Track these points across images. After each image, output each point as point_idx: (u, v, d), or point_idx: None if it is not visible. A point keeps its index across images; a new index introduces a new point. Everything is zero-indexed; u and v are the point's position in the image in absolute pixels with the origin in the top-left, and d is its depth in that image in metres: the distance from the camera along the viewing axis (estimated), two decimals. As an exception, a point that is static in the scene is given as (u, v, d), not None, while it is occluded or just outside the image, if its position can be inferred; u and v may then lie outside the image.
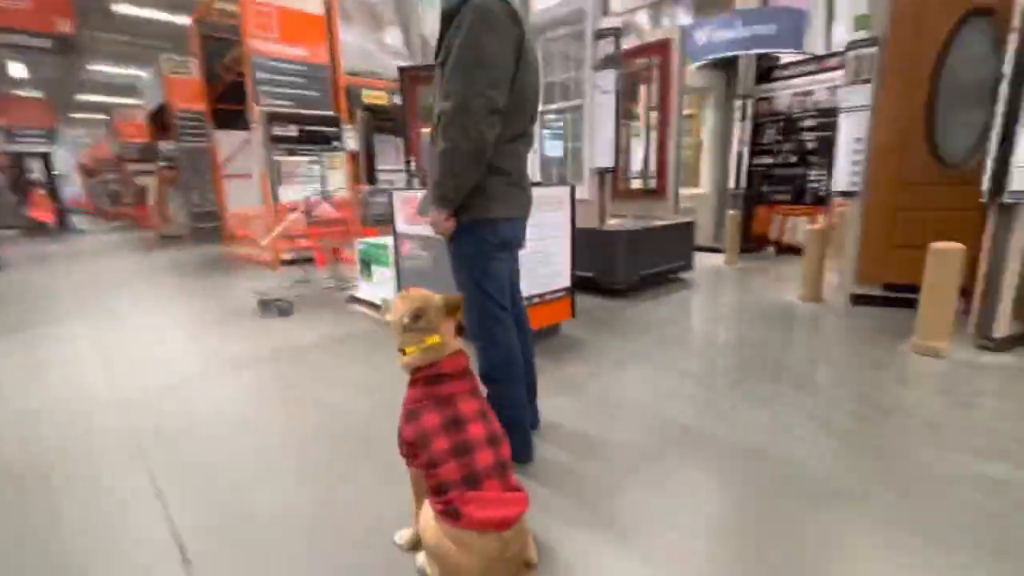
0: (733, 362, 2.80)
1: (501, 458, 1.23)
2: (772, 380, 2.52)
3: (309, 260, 6.52)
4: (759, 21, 5.89)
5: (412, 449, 1.29)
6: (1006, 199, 2.51)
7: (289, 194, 6.18)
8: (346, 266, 4.97)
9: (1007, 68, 2.46)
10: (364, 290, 4.13)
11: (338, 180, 6.58)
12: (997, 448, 1.81)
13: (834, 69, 5.72)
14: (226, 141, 7.79)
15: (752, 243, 6.46)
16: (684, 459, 1.82)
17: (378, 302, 3.82)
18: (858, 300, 3.78)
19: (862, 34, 3.56)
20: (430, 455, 1.21)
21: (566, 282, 3.20)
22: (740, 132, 5.86)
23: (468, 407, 1.27)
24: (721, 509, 1.56)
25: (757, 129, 6.20)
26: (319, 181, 6.47)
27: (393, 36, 7.20)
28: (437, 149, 1.56)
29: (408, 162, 3.69)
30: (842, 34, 7.78)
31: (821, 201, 6.02)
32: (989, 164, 2.54)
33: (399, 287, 3.69)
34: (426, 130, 3.65)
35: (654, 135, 5.68)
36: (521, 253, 2.39)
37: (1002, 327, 2.68)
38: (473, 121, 1.46)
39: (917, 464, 1.74)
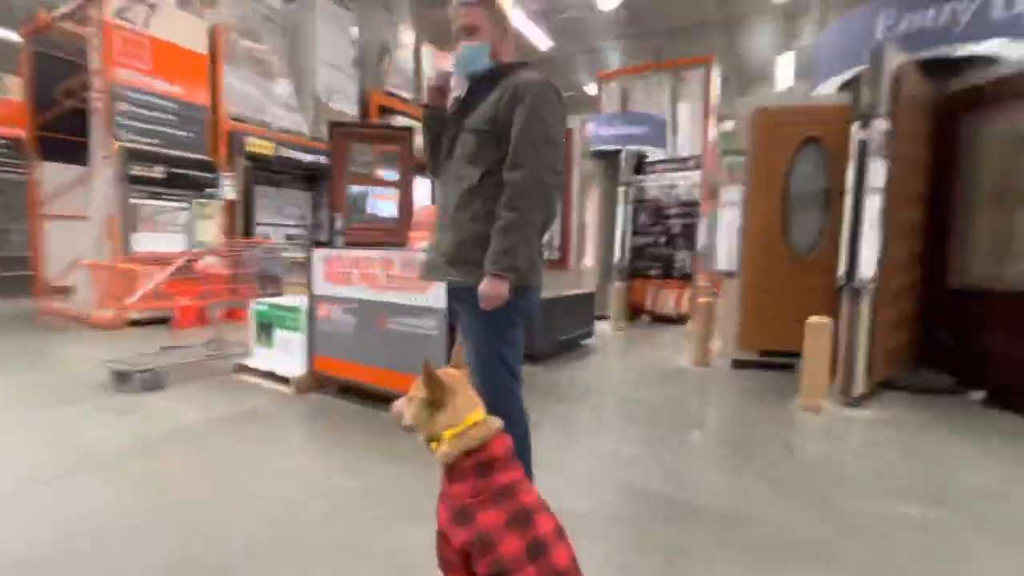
0: (671, 424, 2.97)
1: (573, 552, 1.11)
2: (708, 438, 2.72)
3: (164, 321, 5.51)
4: (635, 123, 6.90)
5: (463, 556, 1.10)
6: (856, 285, 3.17)
7: (145, 243, 5.26)
8: (226, 330, 4.28)
9: (850, 184, 3.19)
10: (259, 358, 3.58)
11: (210, 231, 5.81)
12: (905, 491, 2.16)
13: (692, 168, 6.87)
14: (53, 175, 6.42)
15: (629, 311, 7.13)
16: (664, 517, 1.83)
17: (281, 373, 3.35)
18: (738, 364, 4.36)
19: (734, 146, 4.36)
20: (498, 562, 1.04)
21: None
22: (624, 214, 6.60)
23: (530, 497, 1.14)
24: (732, 569, 1.59)
25: (633, 213, 7.06)
26: (186, 231, 5.64)
27: (283, 88, 6.84)
28: (507, 218, 1.47)
29: (332, 219, 3.41)
30: (684, 140, 9.47)
31: (686, 277, 6.97)
32: (843, 257, 3.21)
33: (310, 356, 3.28)
34: (359, 187, 3.45)
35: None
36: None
37: (860, 387, 3.29)
38: (547, 195, 1.47)
39: (854, 511, 1.99)
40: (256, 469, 2.24)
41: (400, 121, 8.54)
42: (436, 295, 2.67)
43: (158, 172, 5.40)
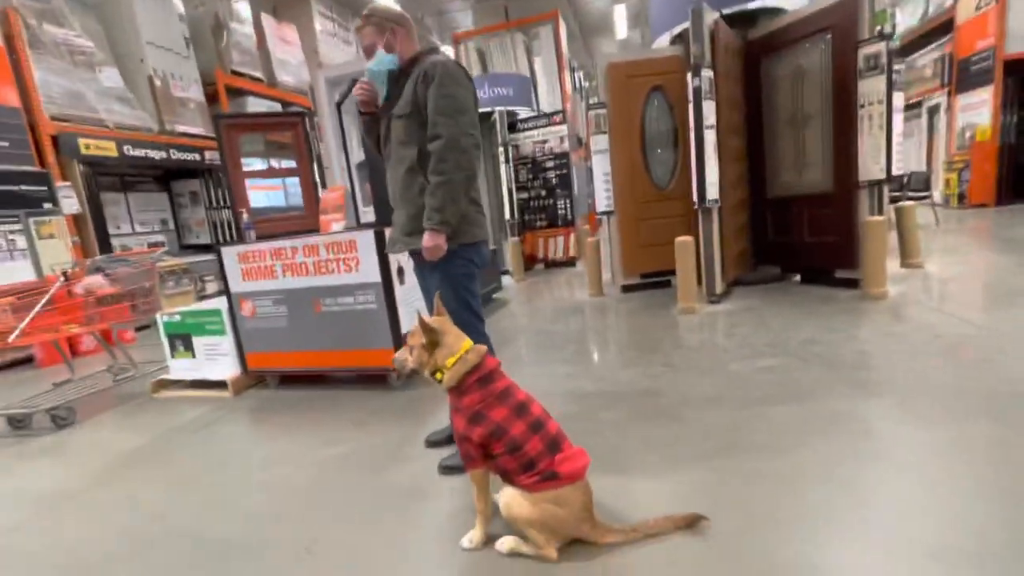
0: (587, 344, 3.53)
1: (557, 423, 1.52)
2: (617, 347, 3.33)
3: (27, 361, 4.87)
4: (500, 84, 7.23)
5: (482, 448, 1.45)
6: (706, 205, 3.95)
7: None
8: (123, 350, 3.97)
9: (692, 124, 3.89)
10: (180, 370, 3.45)
11: (56, 252, 5.11)
12: (759, 351, 2.93)
13: (559, 123, 7.44)
14: None
15: (526, 262, 7.70)
16: (601, 405, 2.35)
17: (213, 378, 3.30)
18: (626, 289, 5.11)
19: (595, 100, 4.92)
20: (511, 440, 1.41)
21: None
22: (506, 173, 7.01)
23: (522, 394, 1.51)
24: (647, 426, 2.14)
25: (514, 171, 7.51)
26: (29, 255, 4.91)
27: (111, 78, 5.99)
28: (434, 181, 1.74)
29: (237, 216, 3.32)
30: (544, 94, 10.05)
31: (569, 223, 7.67)
32: (694, 185, 3.96)
33: (241, 355, 3.28)
34: (264, 183, 3.38)
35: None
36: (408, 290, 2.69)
37: (719, 287, 4.15)
38: (465, 156, 1.75)
39: (733, 374, 2.69)
40: (236, 463, 2.34)
41: (256, 103, 7.93)
42: (368, 270, 2.86)
43: (-27, 193, 4.57)
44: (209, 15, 7.49)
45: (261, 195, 6.62)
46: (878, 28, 3.76)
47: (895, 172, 4.38)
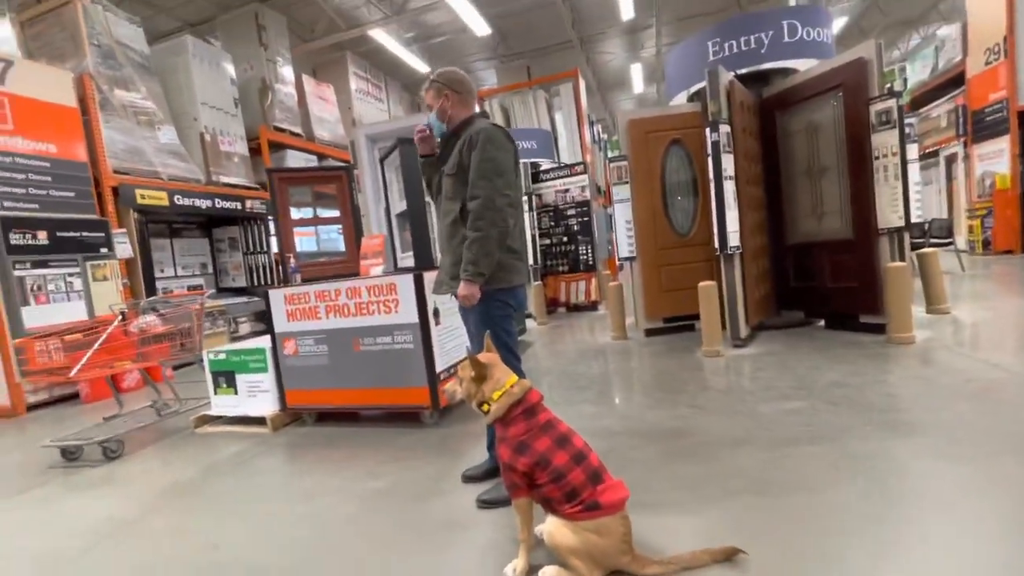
0: (607, 383, 3.60)
1: (597, 456, 1.60)
2: (643, 388, 3.39)
3: (73, 397, 5.09)
4: (524, 138, 7.63)
5: (527, 477, 1.55)
6: (728, 251, 4.08)
7: (39, 317, 4.82)
8: (164, 386, 4.16)
9: (711, 175, 4.09)
10: (222, 406, 3.61)
11: (108, 294, 5.44)
12: (786, 394, 2.97)
13: (580, 174, 7.76)
14: None
15: (548, 306, 7.84)
16: (629, 444, 2.41)
17: (254, 414, 3.45)
18: (650, 332, 5.18)
19: (617, 152, 5.19)
20: (555, 470, 1.51)
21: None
22: (530, 221, 7.28)
23: (563, 427, 1.62)
24: (677, 465, 2.19)
25: (538, 218, 7.79)
26: (83, 297, 5.24)
27: (167, 135, 6.53)
28: (471, 237, 1.93)
29: (285, 260, 3.56)
30: (565, 146, 10.50)
31: (590, 268, 7.84)
32: (715, 232, 4.10)
33: (281, 392, 3.43)
34: (302, 230, 3.64)
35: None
36: (442, 331, 2.87)
37: (743, 331, 4.21)
38: (500, 214, 1.94)
39: (761, 415, 2.73)
40: (280, 496, 2.43)
41: (294, 156, 8.47)
42: (407, 311, 3.03)
43: (42, 238, 4.96)
44: (256, 78, 8.16)
45: (302, 241, 7.02)
46: (888, 86, 3.97)
47: (914, 219, 4.49)
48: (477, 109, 2.23)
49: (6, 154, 4.89)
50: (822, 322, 4.72)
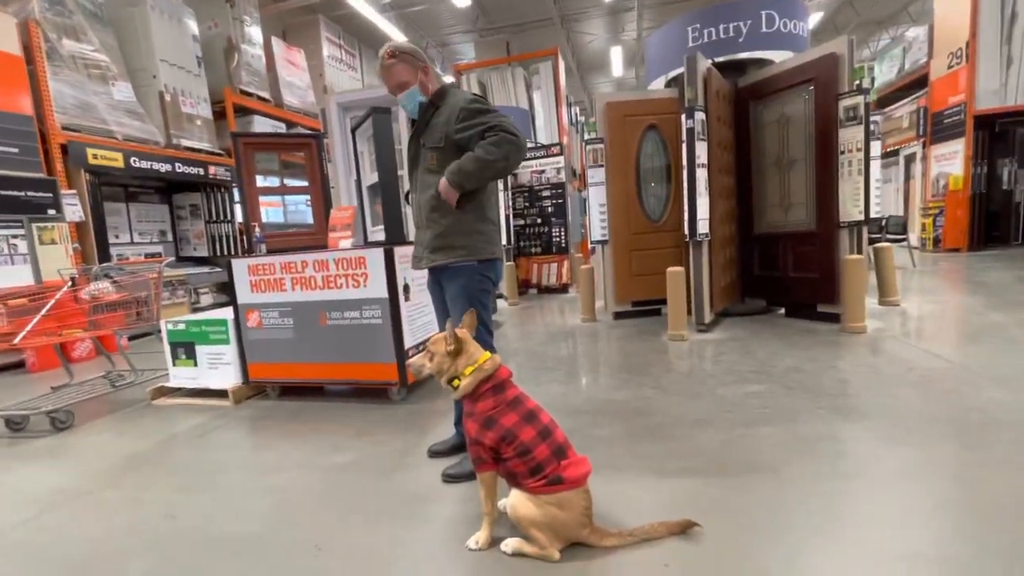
0: (575, 364, 3.65)
1: (563, 434, 1.63)
2: (609, 369, 3.46)
3: (18, 366, 4.84)
4: (502, 115, 7.51)
5: (493, 452, 1.56)
6: (697, 238, 4.16)
7: (-21, 280, 4.53)
8: (118, 356, 4.00)
9: (684, 161, 4.13)
10: (181, 378, 3.50)
11: (56, 258, 5.15)
12: (746, 377, 3.08)
13: (556, 155, 7.72)
14: None
15: (520, 286, 7.86)
16: (594, 423, 2.46)
17: (214, 387, 3.36)
18: (618, 316, 5.27)
19: (593, 134, 5.17)
20: (521, 444, 1.52)
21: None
22: (505, 200, 7.22)
23: (531, 403, 1.63)
24: (639, 442, 2.26)
25: (512, 199, 7.74)
26: (30, 261, 4.95)
27: (123, 92, 6.14)
28: (476, 154, 1.89)
29: (252, 226, 3.43)
30: (542, 126, 10.42)
31: (563, 250, 7.88)
32: (685, 219, 4.17)
33: (244, 365, 3.34)
34: (268, 199, 3.51)
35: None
36: (412, 307, 2.84)
37: (707, 317, 4.32)
38: (517, 154, 1.91)
39: (720, 398, 2.82)
40: (241, 469, 2.39)
41: (262, 123, 8.12)
42: (376, 286, 2.98)
43: (-19, 196, 4.63)
44: (222, 37, 7.73)
45: (268, 211, 6.76)
46: (856, 82, 4.07)
47: (873, 215, 4.66)
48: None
49: (-60, 103, 4.52)
50: (783, 310, 4.90)
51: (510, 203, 7.45)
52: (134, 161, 6.03)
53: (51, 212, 5.16)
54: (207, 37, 7.61)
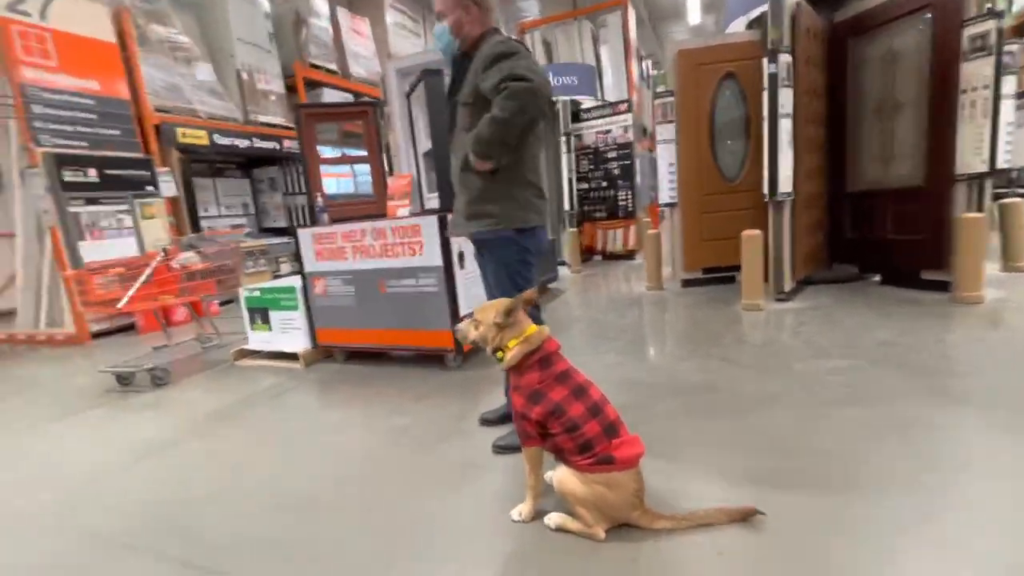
0: (643, 335, 3.49)
1: (615, 409, 1.54)
2: (674, 340, 3.27)
3: (124, 330, 5.43)
4: (565, 73, 7.18)
5: (540, 426, 1.50)
6: (778, 198, 3.76)
7: (95, 252, 5.08)
8: (209, 321, 4.36)
9: (765, 112, 3.71)
10: (258, 341, 3.75)
11: (156, 231, 5.65)
12: (827, 351, 2.79)
13: (623, 112, 7.30)
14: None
15: (583, 253, 7.65)
16: (653, 396, 2.33)
17: (287, 350, 3.57)
18: (687, 283, 4.97)
19: (663, 88, 4.79)
20: (570, 420, 1.45)
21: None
22: (568, 163, 6.97)
23: (580, 377, 1.54)
24: (702, 420, 2.10)
25: (576, 161, 7.45)
26: (134, 234, 5.47)
27: (205, 72, 6.52)
28: (502, 116, 1.70)
29: (313, 200, 3.55)
30: (611, 83, 9.86)
31: (630, 215, 7.53)
32: (766, 176, 3.78)
33: (312, 330, 3.51)
34: (335, 170, 3.59)
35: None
36: (467, 275, 2.73)
37: (787, 284, 3.95)
38: (534, 100, 1.69)
39: (797, 373, 2.58)
40: (308, 428, 2.53)
41: (331, 95, 8.34)
42: (431, 254, 2.97)
43: (92, 176, 5.15)
44: (290, 11, 7.93)
45: (333, 182, 7.01)
46: (987, 5, 3.40)
47: (1001, 165, 3.96)
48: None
49: (55, 91, 5.01)
50: (878, 277, 4.38)
51: (573, 166, 7.18)
52: (216, 138, 6.43)
53: (149, 188, 5.65)
54: (277, 13, 7.83)
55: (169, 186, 5.97)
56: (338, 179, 7.38)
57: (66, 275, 4.05)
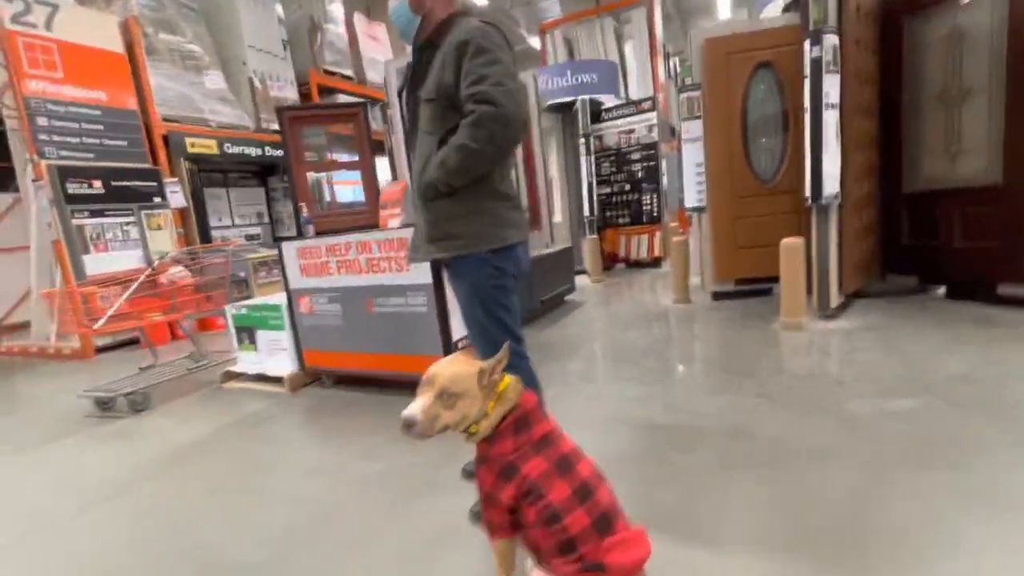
0: (665, 361, 3.07)
1: (612, 492, 1.15)
2: (703, 367, 2.83)
3: (134, 342, 5.31)
4: (585, 71, 6.78)
5: (511, 514, 1.13)
6: (823, 202, 3.28)
7: (99, 264, 4.98)
8: (203, 339, 4.15)
9: (807, 103, 3.24)
10: (246, 363, 3.50)
11: (163, 242, 5.53)
12: (889, 387, 2.31)
13: (648, 111, 6.85)
14: (-22, 207, 5.96)
15: (605, 261, 7.21)
16: (674, 444, 1.92)
17: (272, 373, 3.30)
18: (717, 296, 4.50)
19: (689, 80, 4.35)
20: (549, 508, 1.07)
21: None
22: (587, 166, 6.57)
23: (568, 445, 1.17)
24: (732, 480, 1.69)
25: (596, 163, 7.04)
26: (141, 245, 5.36)
27: (215, 80, 6.42)
28: (460, 141, 1.41)
29: (298, 211, 3.28)
30: (635, 82, 9.40)
31: (655, 220, 7.06)
32: (808, 178, 3.30)
33: (299, 351, 3.23)
34: (314, 173, 3.32)
35: (522, 172, 6.03)
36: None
37: (835, 299, 3.45)
38: (504, 129, 1.37)
39: (848, 414, 2.12)
40: (277, 470, 2.22)
41: (344, 100, 8.18)
42: (421, 271, 2.64)
43: (97, 188, 5.06)
44: (305, 18, 7.81)
45: (349, 190, 6.79)
46: (1080, -31, 2.86)
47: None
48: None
49: (59, 102, 4.94)
50: (942, 290, 3.81)
51: (593, 169, 6.76)
52: (227, 147, 6.31)
53: (156, 200, 5.54)
54: (291, 20, 7.72)
55: (178, 196, 5.86)
56: (354, 187, 7.18)
57: (44, 294, 3.90)
